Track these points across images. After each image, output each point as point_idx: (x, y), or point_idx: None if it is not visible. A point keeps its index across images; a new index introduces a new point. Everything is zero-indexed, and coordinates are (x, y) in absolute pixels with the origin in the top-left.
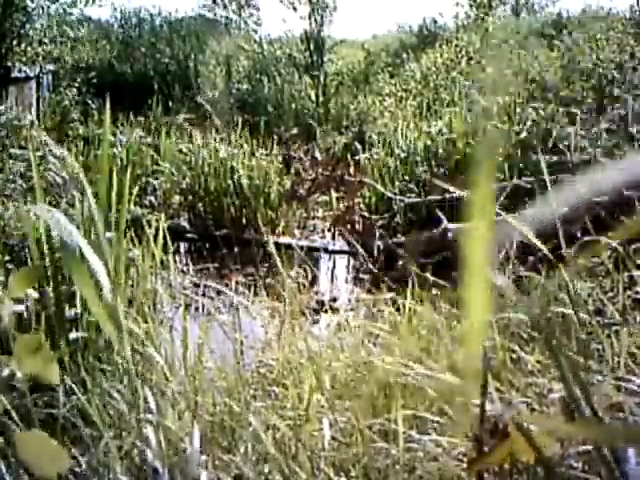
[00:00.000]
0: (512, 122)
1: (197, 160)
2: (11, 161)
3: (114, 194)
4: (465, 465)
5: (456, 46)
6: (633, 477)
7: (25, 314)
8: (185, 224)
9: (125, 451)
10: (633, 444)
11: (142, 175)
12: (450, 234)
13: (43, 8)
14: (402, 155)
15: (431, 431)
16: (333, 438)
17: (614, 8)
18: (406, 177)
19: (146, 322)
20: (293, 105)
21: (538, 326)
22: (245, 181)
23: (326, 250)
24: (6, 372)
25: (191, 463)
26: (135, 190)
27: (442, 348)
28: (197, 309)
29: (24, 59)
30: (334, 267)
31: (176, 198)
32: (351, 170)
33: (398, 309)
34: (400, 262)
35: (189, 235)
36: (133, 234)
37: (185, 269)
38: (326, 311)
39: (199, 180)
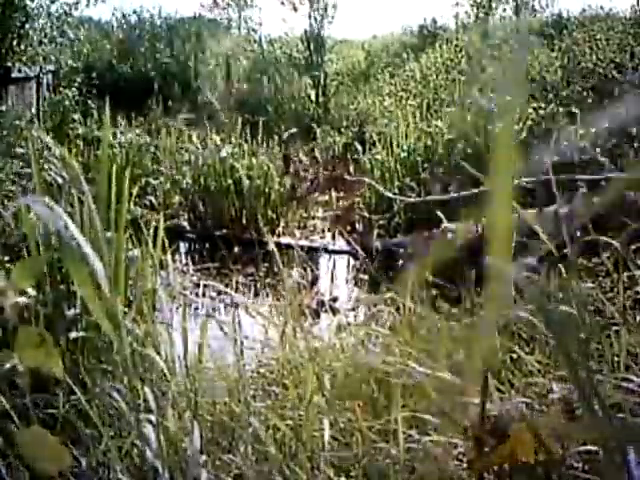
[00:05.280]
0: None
1: (197, 160)
2: (10, 161)
3: (114, 194)
4: (465, 465)
5: (456, 46)
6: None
7: (25, 313)
8: (185, 224)
9: (125, 451)
10: (633, 444)
11: (142, 175)
12: (450, 234)
13: (43, 8)
14: (402, 155)
15: (431, 431)
16: (333, 438)
17: (614, 8)
18: (406, 177)
19: (146, 322)
20: (293, 105)
21: (549, 324)
22: (245, 181)
23: (326, 250)
24: (7, 366)
25: (191, 463)
26: (135, 190)
27: (442, 348)
28: (197, 309)
29: (24, 59)
30: (334, 267)
31: (176, 198)
32: (351, 170)
33: (398, 309)
34: (400, 262)
35: (189, 235)
36: (133, 234)
37: (185, 269)
38: (326, 311)
39: (199, 180)
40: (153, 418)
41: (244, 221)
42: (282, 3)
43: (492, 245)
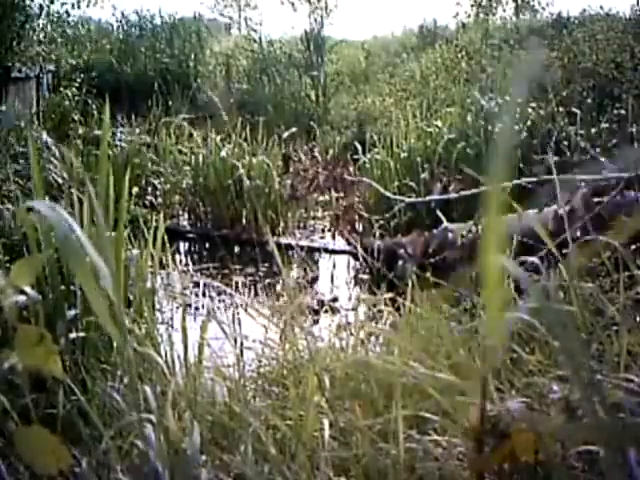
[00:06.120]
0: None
1: (197, 160)
2: (11, 160)
3: (113, 194)
4: (465, 465)
5: (456, 46)
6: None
7: (25, 313)
8: (185, 224)
9: (125, 451)
10: (633, 444)
11: (142, 175)
12: (450, 234)
13: (43, 8)
14: (402, 155)
15: (431, 431)
16: (333, 438)
17: (614, 8)
18: (406, 177)
19: (146, 322)
20: (293, 105)
21: (551, 325)
22: (245, 181)
23: (326, 250)
24: (6, 365)
25: (191, 463)
26: (135, 190)
27: (442, 348)
28: (197, 309)
29: (24, 59)
30: (334, 267)
31: (176, 198)
32: (351, 170)
33: (398, 309)
34: (400, 262)
35: (189, 235)
36: (132, 234)
37: (185, 269)
38: (326, 311)
39: (199, 180)
40: (153, 418)
41: (244, 221)
42: (282, 3)
43: (486, 245)
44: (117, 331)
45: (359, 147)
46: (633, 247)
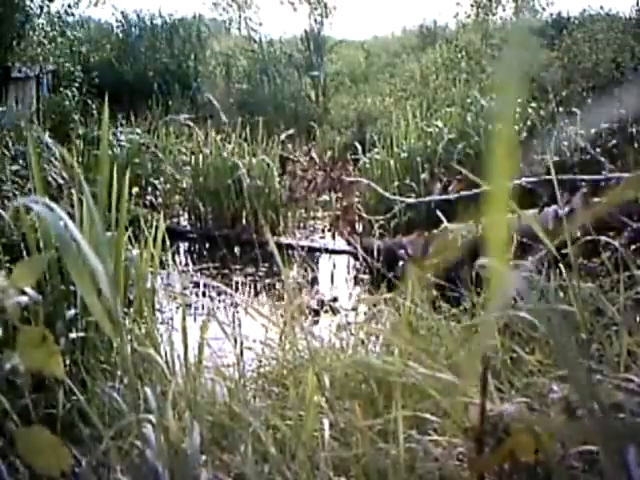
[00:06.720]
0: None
1: (197, 160)
2: (10, 161)
3: (114, 194)
4: (465, 465)
5: (456, 46)
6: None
7: (25, 313)
8: (185, 224)
9: (125, 451)
10: (633, 444)
11: (142, 175)
12: (450, 234)
13: (43, 8)
14: (402, 155)
15: (431, 431)
16: (333, 438)
17: (614, 8)
18: (406, 177)
19: (146, 322)
20: (293, 105)
21: (548, 325)
22: (245, 181)
23: (326, 250)
24: (8, 366)
25: (191, 463)
26: (135, 190)
27: (442, 348)
28: (197, 309)
29: (24, 59)
30: (334, 267)
31: (176, 198)
32: (350, 170)
33: (398, 309)
34: (400, 262)
35: (189, 235)
36: (132, 234)
37: (185, 269)
38: (326, 311)
39: (199, 180)
40: (153, 418)
41: (244, 221)
42: (281, 3)
43: (489, 246)
44: (114, 331)
45: (359, 147)
46: (633, 247)
